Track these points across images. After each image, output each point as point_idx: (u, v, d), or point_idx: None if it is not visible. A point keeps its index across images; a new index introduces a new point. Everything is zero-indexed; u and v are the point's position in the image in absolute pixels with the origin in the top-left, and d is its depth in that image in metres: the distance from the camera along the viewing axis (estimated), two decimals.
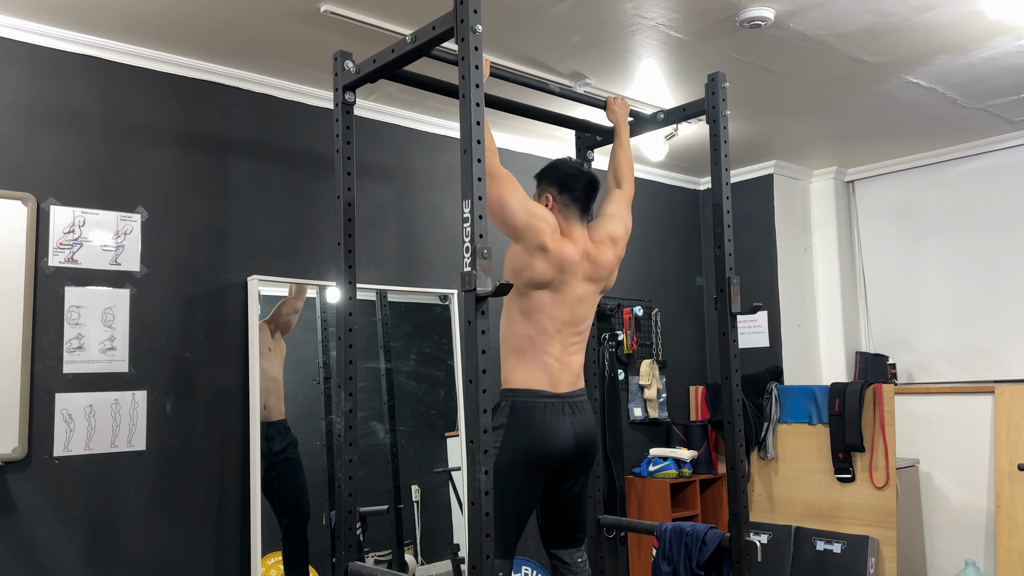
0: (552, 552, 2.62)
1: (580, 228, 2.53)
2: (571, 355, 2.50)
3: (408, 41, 2.22)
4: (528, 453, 2.36)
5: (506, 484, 2.31)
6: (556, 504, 2.54)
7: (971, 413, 4.67)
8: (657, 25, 3.09)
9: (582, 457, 2.48)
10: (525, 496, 2.40)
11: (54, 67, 3.03)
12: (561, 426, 2.40)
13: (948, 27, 3.16)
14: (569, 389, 2.47)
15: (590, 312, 2.57)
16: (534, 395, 2.40)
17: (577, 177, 2.53)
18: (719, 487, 4.89)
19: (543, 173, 2.59)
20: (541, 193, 2.56)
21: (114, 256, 3.09)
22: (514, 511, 2.37)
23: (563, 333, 2.46)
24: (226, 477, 3.28)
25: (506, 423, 2.38)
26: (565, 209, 2.52)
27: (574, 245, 2.46)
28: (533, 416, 2.37)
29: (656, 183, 5.23)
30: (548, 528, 2.59)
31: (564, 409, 2.42)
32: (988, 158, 4.78)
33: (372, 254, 3.80)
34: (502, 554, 2.35)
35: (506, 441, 2.36)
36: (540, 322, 2.42)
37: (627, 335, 4.83)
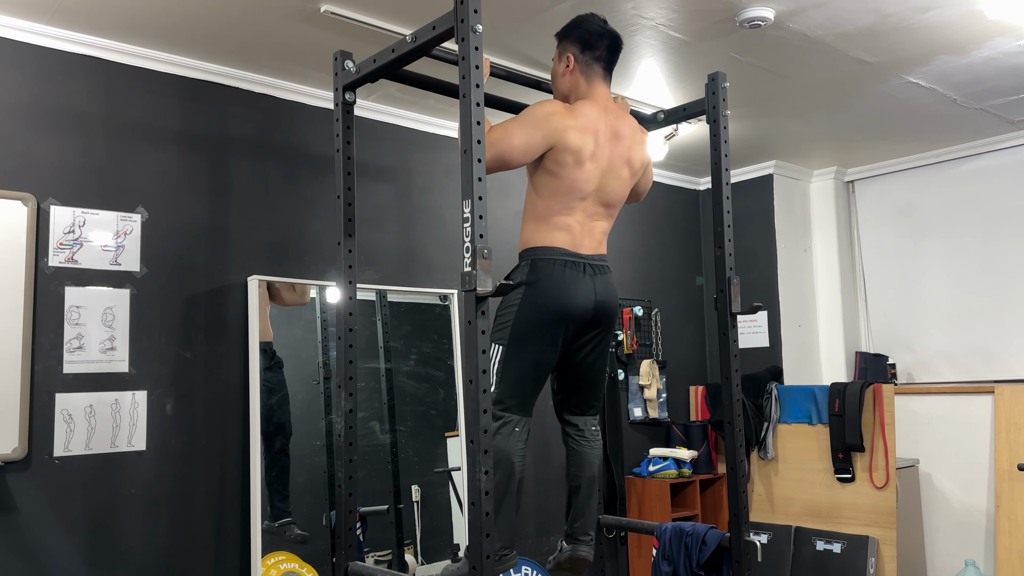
0: (565, 418, 2.58)
1: (603, 87, 2.46)
2: (595, 221, 2.43)
3: (408, 41, 2.22)
4: (548, 309, 2.31)
5: (526, 339, 2.29)
6: (573, 369, 2.49)
7: (971, 413, 4.67)
8: (657, 25, 3.09)
9: (602, 319, 2.42)
10: (545, 352, 2.35)
11: (54, 67, 3.03)
12: (582, 285, 2.35)
13: (948, 27, 3.16)
14: (592, 252, 2.41)
15: (620, 189, 2.46)
16: (555, 252, 2.35)
17: (601, 35, 2.46)
18: (719, 487, 4.89)
19: (565, 31, 2.51)
20: (562, 53, 2.48)
21: (114, 256, 3.09)
22: (533, 366, 2.34)
23: (588, 201, 2.39)
24: (226, 477, 3.28)
25: (527, 279, 2.33)
26: (587, 68, 2.45)
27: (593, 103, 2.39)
28: (553, 271, 2.32)
29: (656, 183, 5.23)
30: (564, 394, 2.55)
31: (585, 269, 2.37)
32: (988, 158, 4.78)
33: (372, 254, 3.80)
34: (521, 411, 2.33)
35: (526, 298, 2.31)
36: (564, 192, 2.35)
37: (627, 335, 4.83)
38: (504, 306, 2.36)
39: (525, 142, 2.28)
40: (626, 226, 4.94)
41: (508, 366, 2.31)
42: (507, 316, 2.33)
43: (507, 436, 2.29)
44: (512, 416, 2.31)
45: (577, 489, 2.56)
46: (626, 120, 2.50)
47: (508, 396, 2.31)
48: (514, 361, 2.31)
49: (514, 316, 2.31)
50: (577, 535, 2.55)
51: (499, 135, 2.25)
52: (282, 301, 3.50)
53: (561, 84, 2.51)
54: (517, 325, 2.30)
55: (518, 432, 2.32)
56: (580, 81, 2.46)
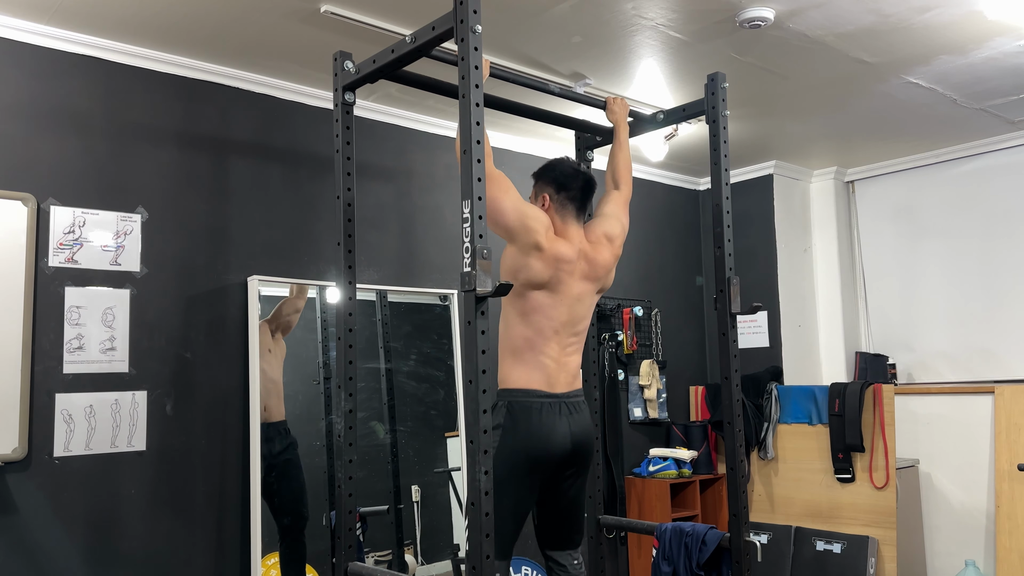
0: (548, 554, 2.61)
1: (576, 227, 2.53)
2: (568, 356, 2.49)
3: (408, 41, 2.22)
4: (525, 453, 2.36)
5: (503, 485, 2.30)
6: (553, 506, 2.53)
7: (971, 413, 4.67)
8: (657, 25, 3.09)
9: (579, 457, 2.47)
10: (522, 497, 2.39)
11: (54, 67, 3.03)
12: (558, 426, 2.40)
13: (948, 27, 3.16)
14: (566, 389, 2.46)
15: (588, 312, 2.57)
16: (531, 395, 2.39)
17: (574, 177, 2.54)
18: (719, 487, 4.89)
19: (540, 172, 2.59)
20: (538, 193, 2.56)
21: (114, 256, 3.09)
22: (511, 512, 2.37)
23: (560, 334, 2.46)
24: (226, 477, 3.28)
25: (503, 423, 2.37)
26: (561, 209, 2.52)
27: (570, 244, 2.47)
28: (530, 416, 2.37)
29: (656, 183, 5.23)
30: (544, 530, 2.59)
31: (561, 409, 2.42)
32: (988, 158, 4.78)
33: (372, 254, 3.80)
34: (500, 555, 2.35)
35: (503, 441, 2.36)
36: (537, 323, 2.42)
37: (627, 335, 4.83)
38: None
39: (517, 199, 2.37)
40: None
41: None
42: None
43: None
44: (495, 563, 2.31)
45: None
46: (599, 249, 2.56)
47: None
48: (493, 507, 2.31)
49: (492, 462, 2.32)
50: None
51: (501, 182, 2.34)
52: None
53: None
54: (495, 471, 2.29)
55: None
56: (555, 219, 2.51)
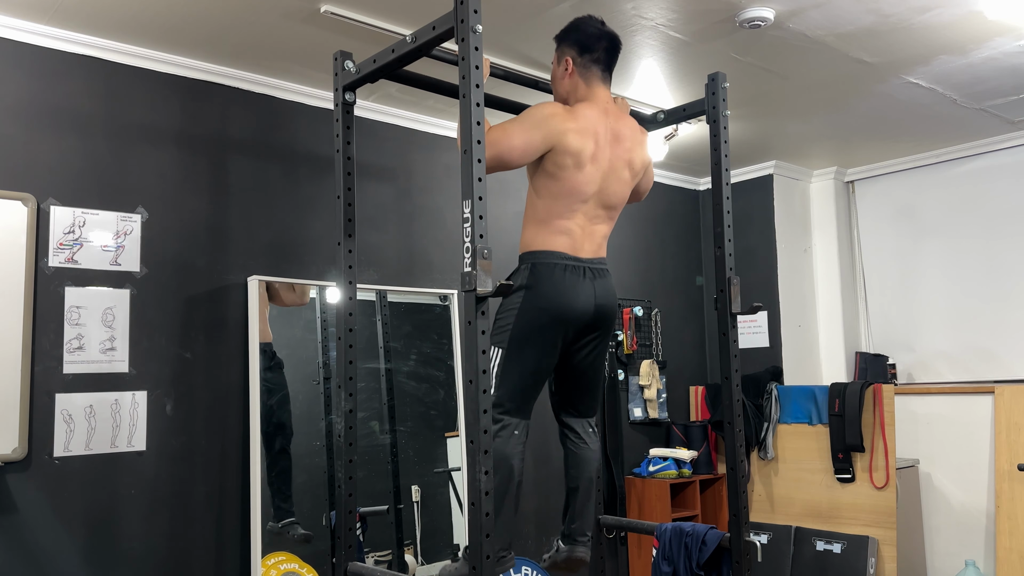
0: (562, 419, 2.58)
1: (602, 89, 2.46)
2: (595, 225, 2.43)
3: (408, 41, 2.22)
4: (548, 312, 2.32)
5: (526, 342, 2.30)
6: (572, 371, 2.50)
7: (971, 413, 4.67)
8: (657, 25, 3.09)
9: (601, 322, 2.43)
10: (544, 356, 2.36)
11: (54, 67, 3.03)
12: (582, 288, 2.35)
13: (948, 27, 3.16)
14: (591, 256, 2.41)
15: (622, 190, 2.47)
16: (555, 256, 2.35)
17: (598, 38, 2.46)
18: (719, 487, 4.89)
19: (563, 34, 2.50)
20: (561, 56, 2.49)
21: (114, 256, 3.09)
22: (533, 370, 2.34)
23: (589, 204, 2.39)
24: (226, 477, 3.28)
25: (526, 283, 2.33)
26: (586, 71, 2.45)
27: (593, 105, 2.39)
28: (553, 276, 2.33)
29: (656, 183, 5.23)
30: (561, 395, 2.56)
31: (585, 273, 2.37)
32: (988, 158, 4.79)
33: (372, 254, 3.80)
34: (520, 414, 2.33)
35: (526, 301, 2.32)
36: (565, 201, 2.35)
37: (627, 335, 4.83)
38: (503, 309, 2.36)
39: (524, 143, 2.28)
40: (626, 226, 4.94)
41: (507, 369, 2.31)
42: (507, 319, 2.33)
43: (506, 439, 2.29)
44: (511, 419, 2.31)
45: (575, 490, 2.57)
46: (626, 121, 2.50)
47: (507, 399, 2.31)
48: (514, 364, 2.31)
49: (514, 320, 2.31)
50: (575, 536, 2.56)
51: (498, 135, 2.25)
52: (281, 302, 3.50)
53: (560, 87, 2.51)
54: (517, 329, 2.30)
55: (517, 435, 2.32)
56: (579, 83, 2.46)
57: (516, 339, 2.31)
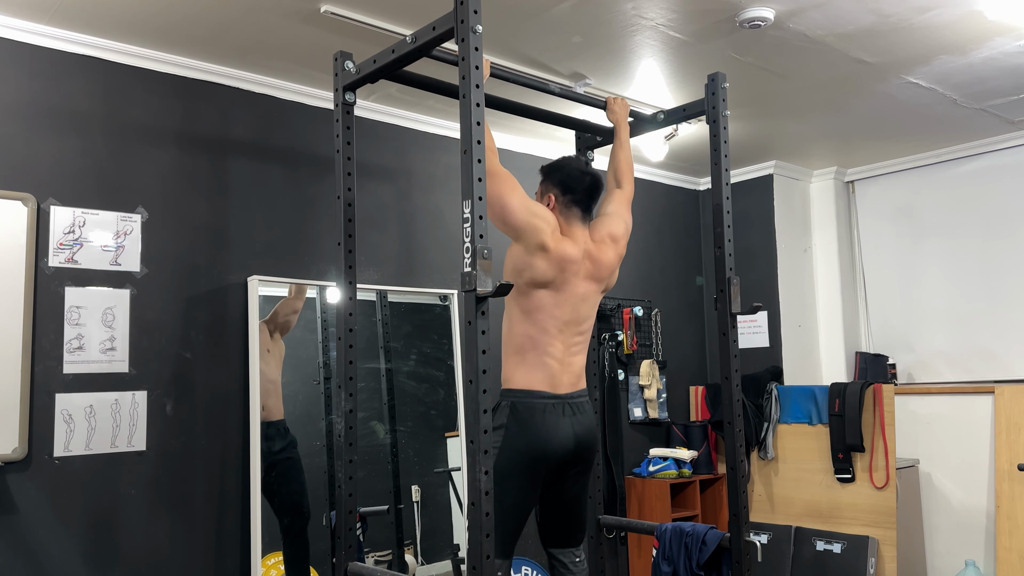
0: (550, 552, 2.62)
1: (581, 228, 2.53)
2: (573, 356, 2.50)
3: (408, 41, 2.22)
4: (528, 454, 2.36)
5: (505, 484, 2.31)
6: (555, 504, 2.54)
7: (971, 413, 4.67)
8: (657, 25, 3.09)
9: (582, 457, 2.48)
10: (524, 496, 2.40)
11: (54, 67, 3.03)
12: (561, 427, 2.40)
13: (948, 27, 3.16)
14: (570, 390, 2.47)
15: (592, 312, 2.57)
16: (534, 396, 2.40)
17: (580, 179, 2.54)
18: (719, 487, 4.89)
19: (548, 172, 2.59)
20: (544, 192, 2.56)
21: (114, 256, 3.09)
22: (513, 511, 2.37)
23: (565, 333, 2.46)
24: (226, 477, 3.28)
25: (506, 423, 2.38)
26: (567, 210, 2.52)
27: (575, 244, 2.47)
28: (533, 416, 2.37)
29: (656, 183, 5.23)
30: (547, 528, 2.60)
31: (564, 410, 2.43)
32: (988, 158, 4.78)
33: (372, 254, 3.80)
34: (501, 554, 2.36)
35: (506, 441, 2.36)
36: (541, 322, 2.42)
37: (627, 335, 4.83)
38: None
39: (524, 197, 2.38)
40: None
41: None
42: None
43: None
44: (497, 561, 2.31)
45: None
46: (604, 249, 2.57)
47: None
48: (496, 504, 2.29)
49: (494, 460, 2.32)
50: None
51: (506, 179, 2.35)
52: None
53: None
54: (497, 469, 2.30)
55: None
56: (560, 220, 2.52)
57: (497, 479, 2.27)
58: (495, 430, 2.36)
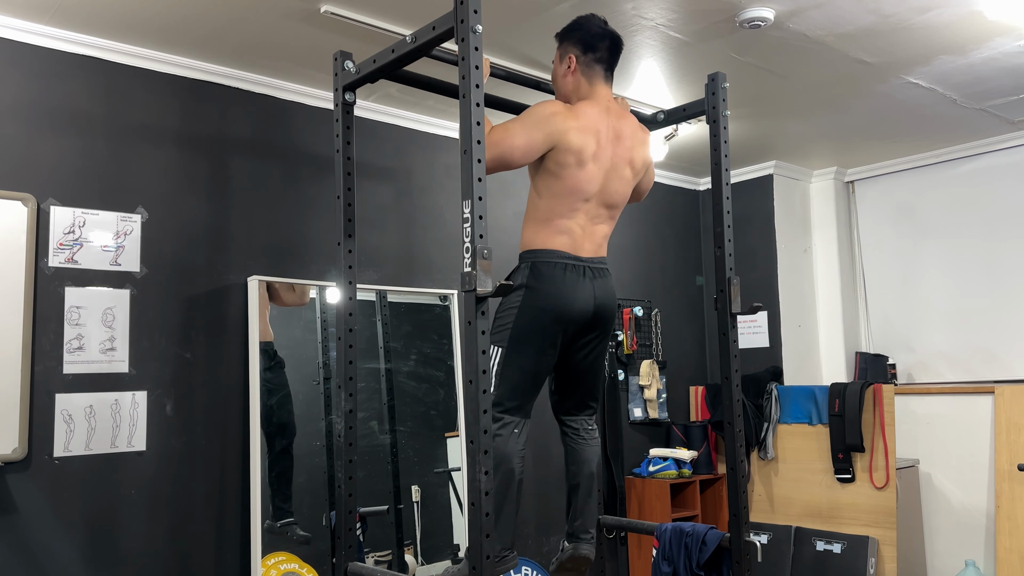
0: (562, 419, 2.59)
1: (604, 87, 2.46)
2: (596, 224, 2.43)
3: (408, 41, 2.22)
4: (548, 312, 2.32)
5: (525, 342, 2.30)
6: (571, 370, 2.50)
7: (971, 413, 4.67)
8: (657, 26, 3.09)
9: (601, 321, 2.43)
10: (543, 355, 2.36)
11: (54, 67, 3.03)
12: (582, 287, 2.36)
13: (948, 27, 3.16)
14: (592, 255, 2.41)
15: (622, 192, 2.47)
16: (555, 255, 2.35)
17: (602, 37, 2.46)
18: (719, 487, 4.89)
19: (565, 32, 2.51)
20: (563, 54, 2.49)
21: (114, 256, 3.09)
22: (532, 369, 2.34)
23: (590, 203, 2.39)
24: (226, 477, 3.28)
25: (526, 282, 2.33)
26: (588, 69, 2.45)
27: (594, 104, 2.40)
28: (554, 275, 2.33)
29: (656, 183, 5.23)
30: (561, 394, 2.56)
31: (585, 272, 2.38)
32: (988, 158, 4.78)
33: (372, 254, 3.80)
34: (520, 413, 2.33)
35: (526, 300, 2.32)
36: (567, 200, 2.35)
37: (627, 335, 4.83)
38: (503, 308, 2.36)
39: (526, 142, 2.28)
40: (626, 226, 4.94)
41: (507, 368, 2.31)
42: (506, 318, 2.33)
43: (506, 438, 2.30)
44: (511, 418, 2.32)
45: (576, 487, 2.57)
46: (628, 120, 2.50)
47: (507, 398, 2.31)
48: (513, 363, 2.31)
49: (514, 319, 2.32)
50: (578, 533, 2.56)
51: (500, 135, 2.25)
52: (281, 302, 3.50)
53: (563, 85, 2.51)
54: (516, 328, 2.30)
55: (517, 434, 2.32)
56: (582, 82, 2.46)
57: (516, 338, 2.31)
58: (515, 290, 2.32)
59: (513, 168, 2.31)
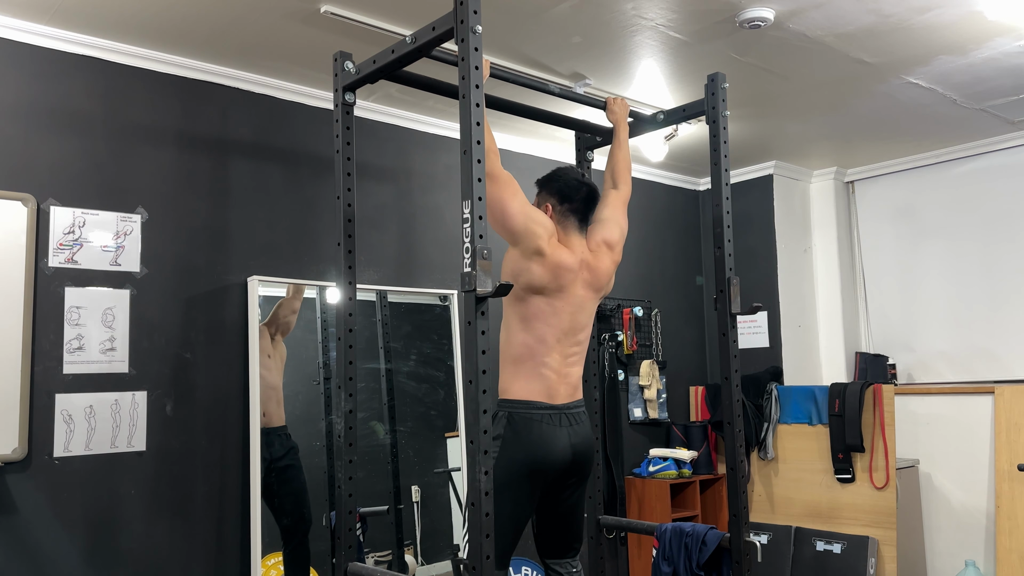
0: (547, 562, 2.62)
1: (579, 237, 2.54)
2: (570, 366, 2.50)
3: (408, 42, 2.22)
4: (525, 464, 2.36)
5: (503, 495, 2.30)
6: (552, 514, 2.54)
7: (971, 413, 4.67)
8: (657, 26, 3.09)
9: (579, 468, 2.48)
10: (521, 506, 2.40)
11: (54, 67, 3.03)
12: (558, 437, 2.40)
13: (948, 27, 3.16)
14: (567, 400, 2.47)
15: (589, 320, 2.57)
16: (531, 406, 2.40)
17: (577, 188, 2.55)
18: (719, 487, 4.89)
19: (544, 182, 2.60)
20: (541, 202, 2.57)
21: (114, 257, 3.09)
22: (510, 521, 2.37)
23: (562, 343, 2.46)
24: (226, 478, 3.28)
25: (503, 434, 2.38)
26: (564, 219, 2.53)
27: (571, 253, 2.47)
28: (530, 427, 2.37)
29: (656, 183, 5.23)
30: (544, 538, 2.60)
31: (561, 420, 2.42)
32: (988, 158, 4.78)
33: (372, 254, 3.80)
34: (498, 564, 2.35)
35: (503, 452, 2.36)
36: (539, 330, 2.42)
37: (627, 335, 4.83)
38: None
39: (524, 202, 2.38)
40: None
41: None
42: None
43: None
44: None
45: None
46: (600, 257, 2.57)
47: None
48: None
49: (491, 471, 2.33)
50: None
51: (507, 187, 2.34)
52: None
53: None
54: (494, 479, 2.30)
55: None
56: (558, 229, 2.53)
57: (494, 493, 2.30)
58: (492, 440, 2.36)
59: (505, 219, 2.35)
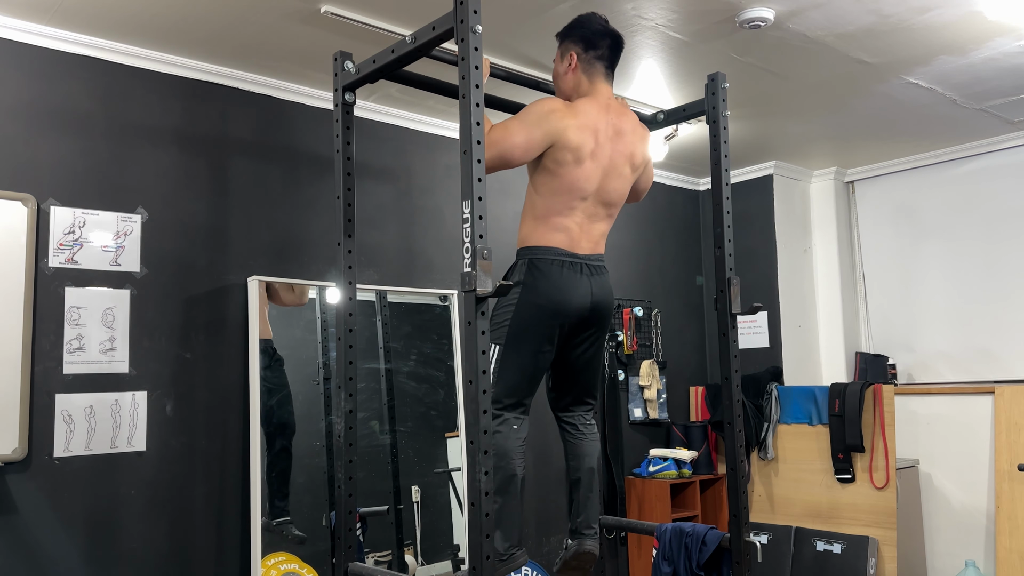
0: (560, 415, 2.59)
1: (604, 84, 2.47)
2: (594, 223, 2.43)
3: (408, 41, 2.22)
4: (545, 309, 2.32)
5: (523, 338, 2.30)
6: (568, 366, 2.50)
7: (971, 413, 4.67)
8: (657, 26, 3.09)
9: (598, 318, 2.43)
10: (541, 352, 2.36)
11: (54, 67, 3.03)
12: (580, 284, 2.36)
13: (948, 28, 3.16)
14: (588, 252, 2.41)
15: (621, 188, 2.46)
16: (552, 252, 2.35)
17: (603, 34, 2.46)
18: (719, 487, 4.89)
19: (566, 31, 2.51)
20: (564, 51, 2.49)
21: (114, 257, 3.09)
22: (530, 365, 2.34)
23: (588, 202, 2.39)
24: (226, 477, 3.28)
25: (524, 279, 2.34)
26: (589, 67, 2.45)
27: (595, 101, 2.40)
28: (551, 272, 2.33)
29: (656, 183, 5.23)
30: (558, 391, 2.56)
31: (582, 269, 2.38)
32: (988, 158, 4.78)
33: (372, 254, 3.80)
34: (519, 409, 2.34)
35: (523, 296, 2.32)
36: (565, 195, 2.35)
37: (627, 335, 4.83)
38: (501, 305, 2.36)
39: (526, 140, 2.28)
40: (626, 226, 4.94)
41: (505, 365, 2.31)
42: (504, 316, 2.33)
43: (506, 435, 2.30)
44: (510, 415, 2.32)
45: (577, 482, 2.56)
46: (628, 117, 2.50)
47: (505, 395, 2.31)
48: (511, 360, 2.32)
49: (511, 316, 2.32)
50: (581, 529, 2.55)
51: (500, 134, 2.26)
52: (280, 301, 3.50)
53: (563, 83, 2.51)
54: (514, 324, 2.31)
55: (516, 430, 2.32)
56: (582, 80, 2.46)
57: (513, 335, 2.32)
58: (513, 286, 2.32)
59: (513, 167, 2.32)
